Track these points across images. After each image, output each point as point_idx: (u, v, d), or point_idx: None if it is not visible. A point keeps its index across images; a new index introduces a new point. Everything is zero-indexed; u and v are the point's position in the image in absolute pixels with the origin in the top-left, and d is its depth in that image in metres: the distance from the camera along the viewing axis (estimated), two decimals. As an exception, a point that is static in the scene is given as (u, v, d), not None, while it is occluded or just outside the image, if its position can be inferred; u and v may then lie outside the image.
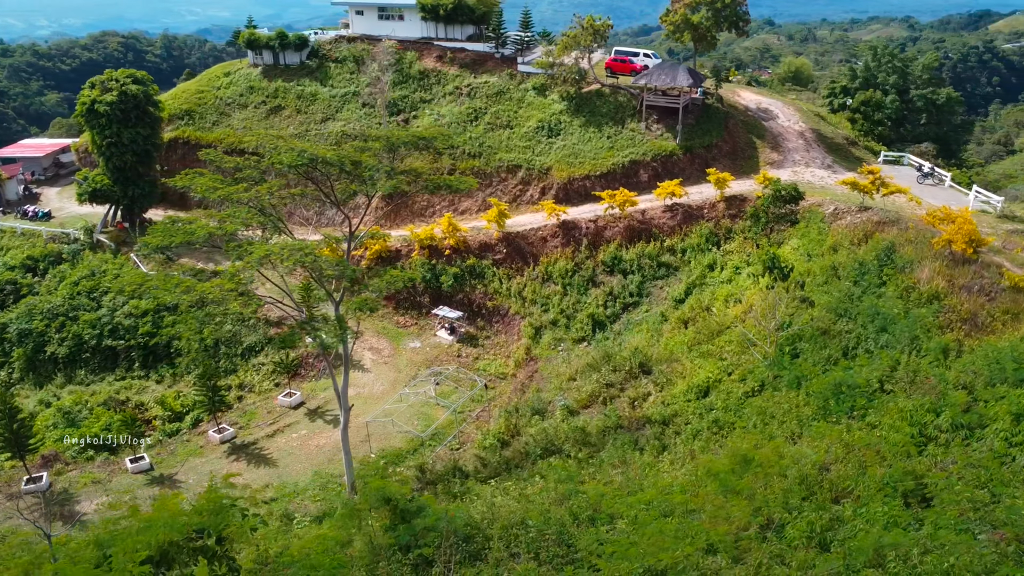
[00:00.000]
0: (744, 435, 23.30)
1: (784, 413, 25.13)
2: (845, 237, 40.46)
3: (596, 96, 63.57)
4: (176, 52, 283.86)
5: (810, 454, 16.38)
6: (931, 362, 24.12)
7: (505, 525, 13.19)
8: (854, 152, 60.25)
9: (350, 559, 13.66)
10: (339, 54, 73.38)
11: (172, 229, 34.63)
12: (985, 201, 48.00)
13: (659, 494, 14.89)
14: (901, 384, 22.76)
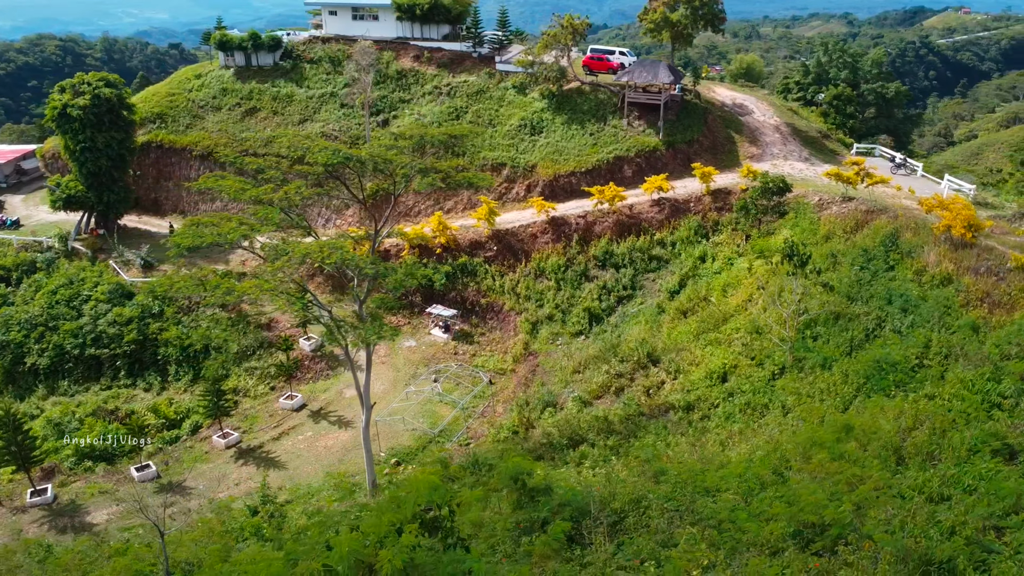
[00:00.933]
0: (806, 410, 24.36)
1: (821, 392, 26.32)
2: (837, 226, 42.17)
3: (577, 94, 64.55)
4: (117, 55, 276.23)
5: (885, 424, 17.40)
6: (963, 338, 25.61)
7: (630, 500, 13.81)
8: (828, 145, 62.41)
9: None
10: (314, 55, 72.94)
11: (201, 231, 34.24)
12: (957, 189, 50.29)
13: (746, 467, 15.68)
14: (938, 359, 24.17)
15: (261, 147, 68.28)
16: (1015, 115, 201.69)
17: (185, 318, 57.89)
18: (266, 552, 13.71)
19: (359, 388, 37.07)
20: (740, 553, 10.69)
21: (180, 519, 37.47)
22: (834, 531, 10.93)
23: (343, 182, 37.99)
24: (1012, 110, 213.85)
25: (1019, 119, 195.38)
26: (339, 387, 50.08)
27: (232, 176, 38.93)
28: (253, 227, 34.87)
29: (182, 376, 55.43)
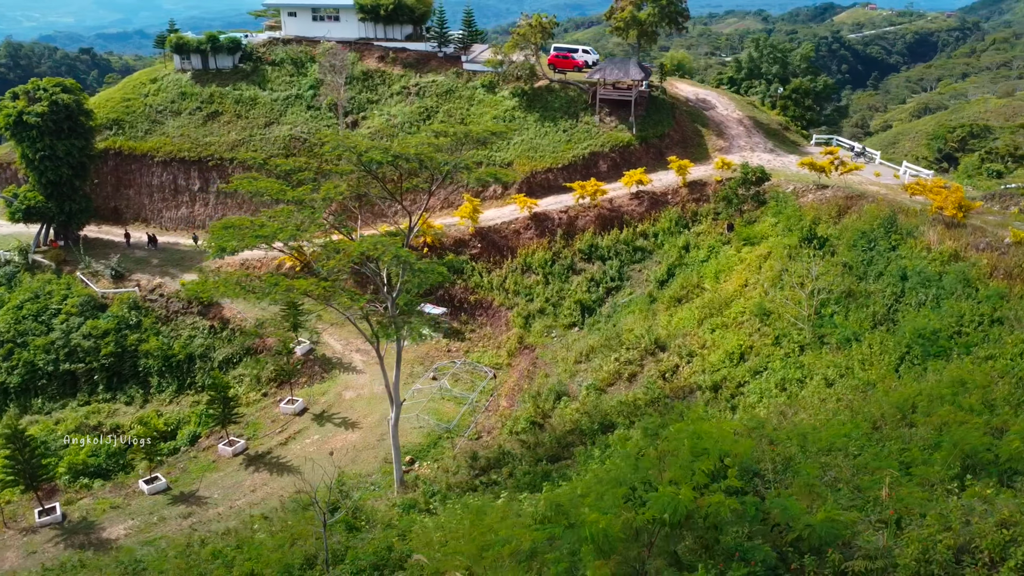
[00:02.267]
0: (861, 379, 26.01)
1: (861, 363, 28.17)
2: (822, 212, 44.57)
3: (547, 91, 65.76)
4: (23, 61, 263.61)
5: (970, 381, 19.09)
6: (993, 307, 27.84)
7: (781, 461, 14.90)
8: (789, 137, 65.40)
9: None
10: (275, 57, 71.98)
11: (242, 232, 33.86)
12: (915, 175, 53.61)
13: (851, 427, 16.99)
14: (972, 326, 26.39)
15: (227, 151, 67.22)
16: (925, 105, 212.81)
17: (164, 328, 56.65)
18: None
19: (388, 386, 37.33)
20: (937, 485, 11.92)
21: (202, 528, 36.98)
22: (1008, 466, 12.25)
23: (380, 181, 38.12)
24: (922, 101, 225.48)
25: (929, 109, 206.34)
26: (337, 389, 49.95)
27: (264, 177, 38.45)
28: (299, 227, 34.63)
29: (166, 388, 54.37)
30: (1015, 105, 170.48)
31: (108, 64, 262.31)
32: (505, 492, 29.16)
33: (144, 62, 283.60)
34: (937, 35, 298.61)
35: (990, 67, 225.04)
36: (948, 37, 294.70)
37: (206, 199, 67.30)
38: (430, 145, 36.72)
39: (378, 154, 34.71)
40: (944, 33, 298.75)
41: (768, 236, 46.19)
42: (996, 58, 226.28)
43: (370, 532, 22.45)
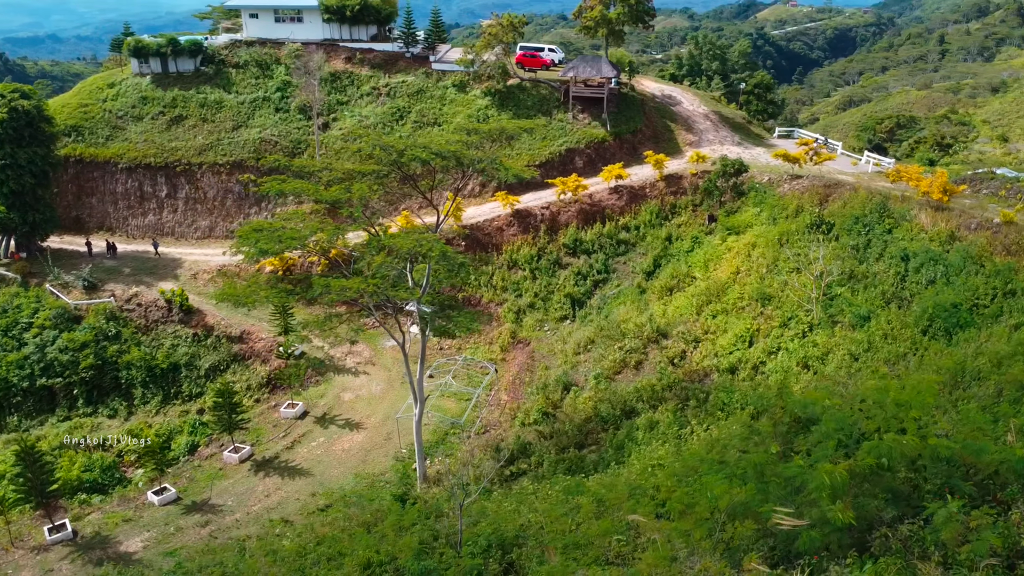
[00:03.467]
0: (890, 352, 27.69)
1: (883, 338, 29.94)
2: (804, 201, 46.75)
3: (519, 90, 66.67)
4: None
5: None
6: (1005, 281, 30.00)
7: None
8: (753, 130, 67.92)
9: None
10: (239, 59, 70.86)
11: (275, 234, 33.60)
12: (877, 164, 56.54)
13: (916, 393, 18.39)
14: (988, 298, 28.44)
15: (195, 155, 65.99)
16: (850, 98, 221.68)
17: (144, 338, 55.37)
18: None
19: (412, 382, 37.69)
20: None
21: (222, 536, 36.67)
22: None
23: (412, 179, 38.35)
24: (847, 94, 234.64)
25: (854, 102, 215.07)
26: (334, 391, 49.86)
27: (293, 179, 38.17)
28: (340, 228, 34.64)
29: (150, 399, 53.21)
30: (935, 97, 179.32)
31: (22, 69, 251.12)
32: (546, 479, 30.05)
33: (61, 67, 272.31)
34: (855, 30, 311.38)
35: (907, 60, 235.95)
36: (865, 32, 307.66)
37: (175, 205, 65.90)
38: (460, 142, 37.14)
39: (421, 152, 34.98)
40: (861, 28, 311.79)
41: (752, 225, 48.15)
42: (912, 52, 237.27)
43: (444, 519, 22.90)
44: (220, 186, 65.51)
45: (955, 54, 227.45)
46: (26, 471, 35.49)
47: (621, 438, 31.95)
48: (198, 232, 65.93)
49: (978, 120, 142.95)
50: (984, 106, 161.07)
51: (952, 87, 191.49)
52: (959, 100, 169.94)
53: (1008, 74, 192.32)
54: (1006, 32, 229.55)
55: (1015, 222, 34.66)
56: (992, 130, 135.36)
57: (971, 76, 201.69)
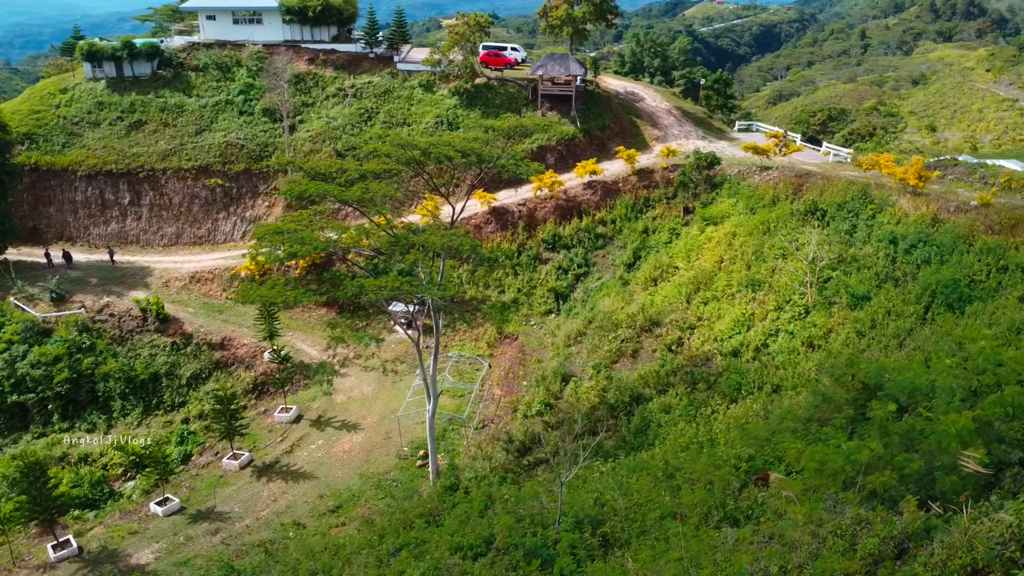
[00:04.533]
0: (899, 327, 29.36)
1: (886, 316, 31.69)
2: (780, 191, 48.79)
3: (486, 89, 67.30)
4: None
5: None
6: (997, 257, 32.12)
7: (925, 384, 17.57)
8: (714, 124, 70.11)
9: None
10: (198, 62, 69.53)
11: (301, 235, 33.42)
12: (836, 154, 59.23)
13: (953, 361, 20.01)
14: (983, 274, 30.52)
15: (158, 161, 64.58)
16: (779, 92, 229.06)
17: (120, 349, 54.07)
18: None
19: (425, 379, 38.06)
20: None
21: (234, 542, 36.40)
22: None
23: (428, 176, 38.62)
24: (776, 88, 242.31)
25: (783, 96, 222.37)
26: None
27: (309, 180, 37.91)
28: (368, 229, 34.67)
29: (131, 410, 52.06)
30: (861, 90, 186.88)
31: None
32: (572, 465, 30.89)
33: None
34: (780, 27, 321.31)
35: (832, 55, 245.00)
36: (790, 28, 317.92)
37: (139, 212, 64.36)
38: (477, 140, 37.60)
39: (447, 150, 35.32)
40: (786, 25, 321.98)
41: (730, 215, 49.95)
42: (836, 47, 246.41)
43: (496, 504, 23.50)
44: (186, 191, 64.25)
45: (876, 48, 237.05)
46: (31, 487, 34.51)
47: (638, 423, 33.01)
48: (164, 239, 64.55)
49: (905, 111, 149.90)
50: (908, 98, 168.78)
51: (876, 80, 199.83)
52: (884, 92, 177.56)
53: (927, 67, 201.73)
54: (922, 27, 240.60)
55: (991, 204, 37.19)
56: (919, 120, 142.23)
57: (892, 69, 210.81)
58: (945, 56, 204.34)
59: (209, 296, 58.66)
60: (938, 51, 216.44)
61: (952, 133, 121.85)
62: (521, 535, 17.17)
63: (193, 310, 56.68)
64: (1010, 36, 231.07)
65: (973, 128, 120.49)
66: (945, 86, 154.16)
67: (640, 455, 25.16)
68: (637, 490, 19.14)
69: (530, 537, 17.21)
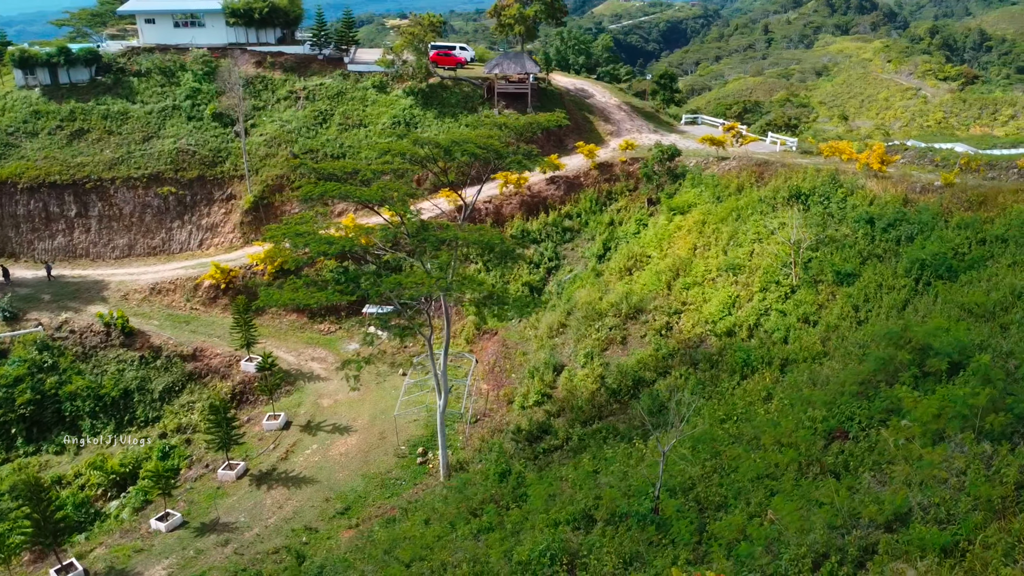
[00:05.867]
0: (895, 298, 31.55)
1: (878, 290, 33.92)
2: (744, 180, 51.19)
3: (441, 88, 67.66)
4: None
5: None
6: (975, 231, 34.73)
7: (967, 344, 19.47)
8: (663, 119, 72.49)
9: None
10: (139, 67, 67.28)
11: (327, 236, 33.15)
12: (784, 144, 62.33)
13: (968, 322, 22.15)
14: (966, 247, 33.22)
15: (105, 170, 62.32)
16: (691, 87, 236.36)
17: (84, 366, 52.11)
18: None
19: (436, 377, 38.45)
20: None
21: (248, 551, 35.98)
22: None
23: (443, 172, 38.85)
24: (687, 83, 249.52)
25: (695, 90, 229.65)
26: (310, 399, 49.33)
27: (322, 182, 37.42)
28: (390, 228, 34.62)
29: (101, 429, 50.38)
30: (770, 82, 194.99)
31: None
32: (588, 450, 32.05)
33: None
34: (685, 23, 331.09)
35: (738, 50, 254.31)
36: (695, 24, 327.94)
37: (87, 224, 61.95)
38: (492, 137, 38.07)
39: (472, 147, 35.68)
40: (691, 21, 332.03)
41: (696, 204, 52.06)
42: (742, 41, 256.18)
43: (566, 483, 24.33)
44: (137, 201, 62.22)
45: (779, 42, 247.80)
46: (33, 509, 33.22)
47: (650, 404, 34.28)
48: (116, 251, 62.37)
49: (815, 102, 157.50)
50: (815, 89, 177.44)
51: (782, 72, 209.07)
52: (792, 84, 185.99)
53: (828, 59, 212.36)
54: (821, 21, 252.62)
55: (955, 183, 40.29)
56: (829, 110, 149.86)
57: (797, 62, 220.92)
58: (844, 48, 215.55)
59: (173, 307, 57.10)
60: (837, 44, 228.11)
61: (863, 121, 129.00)
62: (622, 505, 18.15)
63: (158, 322, 55.08)
64: (900, 28, 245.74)
65: (882, 116, 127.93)
66: (851, 77, 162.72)
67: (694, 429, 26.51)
68: (711, 457, 20.43)
69: (635, 505, 18.22)
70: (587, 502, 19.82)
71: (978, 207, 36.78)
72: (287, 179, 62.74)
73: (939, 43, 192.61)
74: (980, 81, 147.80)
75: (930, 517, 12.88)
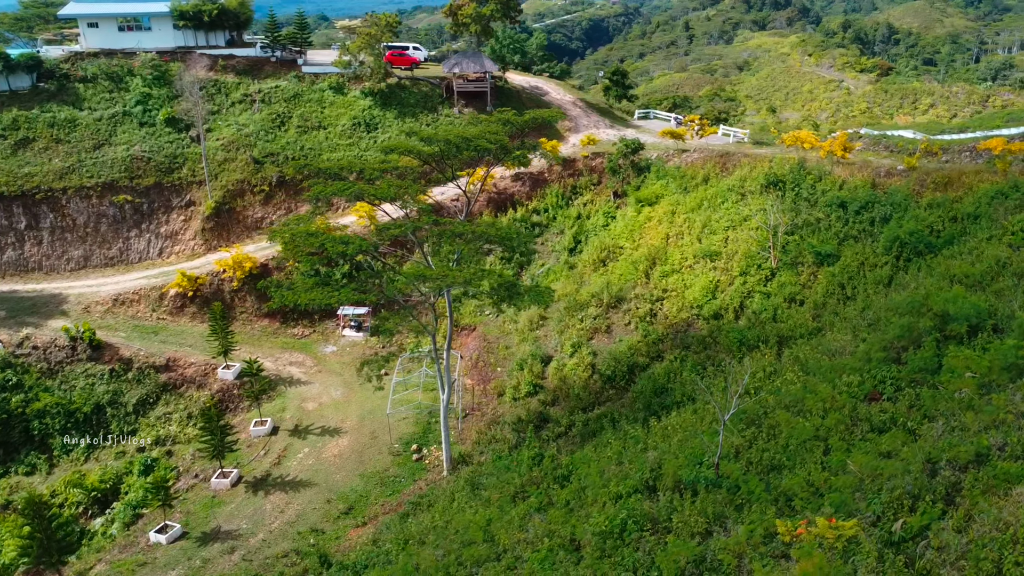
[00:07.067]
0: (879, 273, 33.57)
1: (860, 267, 35.94)
2: (709, 170, 53.14)
3: (399, 89, 67.73)
4: None
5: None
6: (947, 210, 37.05)
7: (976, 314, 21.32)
8: (617, 114, 74.22)
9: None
10: (85, 72, 65.08)
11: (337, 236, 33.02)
12: (735, 136, 64.82)
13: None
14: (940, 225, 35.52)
15: (56, 180, 60.20)
16: (606, 86, 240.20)
17: (51, 382, 50.41)
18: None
19: (440, 373, 38.86)
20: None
21: (256, 557, 35.73)
22: None
23: (450, 169, 39.16)
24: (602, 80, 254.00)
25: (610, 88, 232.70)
26: (294, 403, 48.95)
27: (329, 181, 37.12)
28: (407, 223, 34.70)
29: (74, 446, 48.92)
30: (695, 77, 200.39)
31: None
32: (603, 436, 33.12)
33: None
34: (607, 21, 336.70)
35: (661, 46, 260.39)
36: (617, 22, 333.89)
37: (38, 237, 59.72)
38: (498, 133, 38.53)
39: (485, 142, 36.07)
40: (613, 19, 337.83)
41: (663, 195, 53.79)
42: (665, 38, 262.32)
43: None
44: (91, 211, 60.32)
45: (701, 38, 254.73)
46: (36, 529, 32.28)
47: (651, 386, 35.54)
48: (71, 263, 60.34)
49: (742, 95, 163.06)
50: (739, 83, 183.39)
51: (705, 68, 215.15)
52: (715, 79, 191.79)
53: (748, 54, 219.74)
54: (739, 17, 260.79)
55: (917, 167, 42.99)
56: (756, 103, 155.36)
57: (718, 57, 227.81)
58: (763, 43, 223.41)
59: (139, 318, 55.66)
60: (756, 39, 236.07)
61: (790, 113, 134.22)
62: (686, 473, 19.23)
63: (125, 334, 53.64)
64: (814, 23, 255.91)
65: (808, 108, 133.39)
66: (775, 71, 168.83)
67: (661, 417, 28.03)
68: (747, 426, 21.76)
69: (699, 472, 19.33)
70: (643, 474, 20.84)
71: (944, 188, 39.45)
72: (248, 183, 61.90)
73: (852, 37, 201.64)
74: (893, 72, 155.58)
75: (1007, 454, 14.38)
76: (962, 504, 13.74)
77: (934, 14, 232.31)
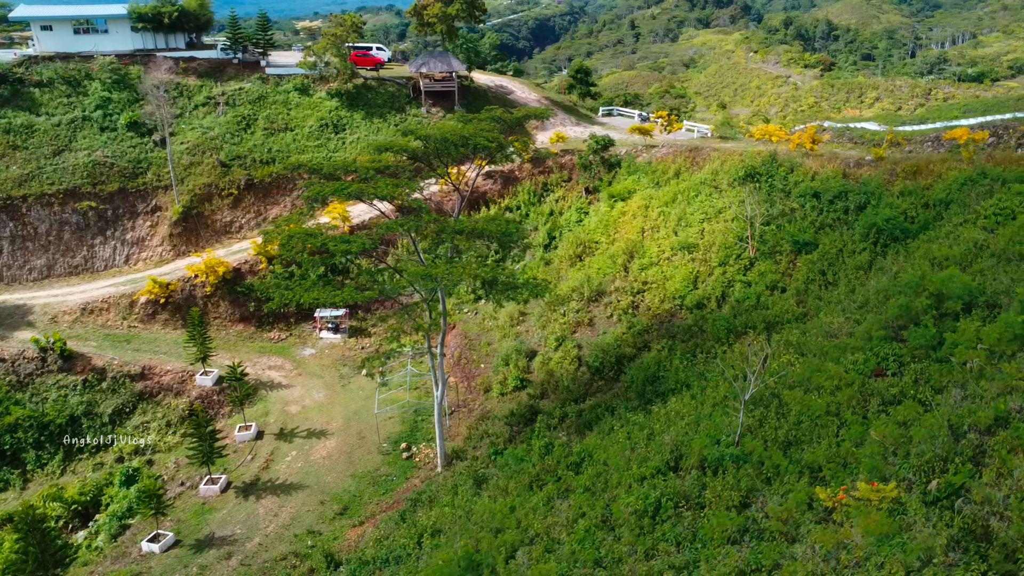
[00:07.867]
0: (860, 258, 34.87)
1: (840, 254, 37.23)
2: (680, 165, 54.32)
3: (365, 89, 67.53)
4: None
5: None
6: (919, 197, 38.57)
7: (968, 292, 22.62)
8: (582, 111, 75.12)
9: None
10: (40, 77, 63.35)
11: (339, 236, 32.88)
12: (699, 131, 66.40)
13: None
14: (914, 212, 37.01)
15: (14, 188, 58.55)
16: (569, 83, 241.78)
17: (21, 395, 49.14)
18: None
19: (434, 371, 39.08)
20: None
21: (254, 562, 35.50)
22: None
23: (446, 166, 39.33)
24: (564, 79, 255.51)
25: (573, 86, 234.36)
26: (277, 407, 48.61)
27: (321, 181, 36.87)
28: (411, 221, 34.71)
29: (48, 459, 47.87)
30: (644, 75, 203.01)
31: None
32: (604, 426, 33.81)
33: None
34: (553, 20, 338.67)
35: (608, 45, 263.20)
36: (563, 21, 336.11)
37: (-2, 247, 58.03)
38: (492, 131, 38.75)
39: (483, 140, 36.25)
40: (559, 18, 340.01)
41: (636, 190, 54.81)
42: (611, 37, 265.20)
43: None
44: (53, 219, 58.84)
45: (647, 37, 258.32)
46: (29, 542, 31.56)
47: (643, 375, 36.30)
48: (34, 273, 58.79)
49: (692, 92, 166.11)
50: (687, 80, 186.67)
51: (653, 66, 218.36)
52: (663, 76, 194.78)
53: (694, 51, 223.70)
54: (683, 15, 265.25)
55: (884, 157, 44.74)
56: (705, 100, 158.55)
57: (665, 55, 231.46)
58: (708, 41, 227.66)
59: (109, 326, 54.53)
60: (700, 36, 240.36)
61: (741, 108, 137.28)
62: (710, 452, 20.00)
63: (96, 343, 52.54)
64: (756, 21, 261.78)
65: (757, 103, 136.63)
66: (722, 67, 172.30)
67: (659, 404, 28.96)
68: (755, 406, 22.66)
69: (721, 449, 20.12)
70: (663, 456, 21.56)
71: (914, 176, 41.18)
72: (216, 187, 61.09)
73: (793, 33, 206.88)
74: (836, 68, 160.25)
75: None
76: (991, 463, 14.73)
77: (870, 11, 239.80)
